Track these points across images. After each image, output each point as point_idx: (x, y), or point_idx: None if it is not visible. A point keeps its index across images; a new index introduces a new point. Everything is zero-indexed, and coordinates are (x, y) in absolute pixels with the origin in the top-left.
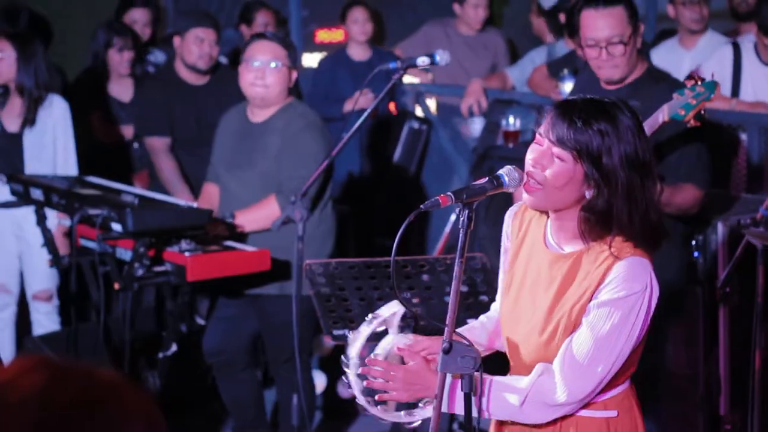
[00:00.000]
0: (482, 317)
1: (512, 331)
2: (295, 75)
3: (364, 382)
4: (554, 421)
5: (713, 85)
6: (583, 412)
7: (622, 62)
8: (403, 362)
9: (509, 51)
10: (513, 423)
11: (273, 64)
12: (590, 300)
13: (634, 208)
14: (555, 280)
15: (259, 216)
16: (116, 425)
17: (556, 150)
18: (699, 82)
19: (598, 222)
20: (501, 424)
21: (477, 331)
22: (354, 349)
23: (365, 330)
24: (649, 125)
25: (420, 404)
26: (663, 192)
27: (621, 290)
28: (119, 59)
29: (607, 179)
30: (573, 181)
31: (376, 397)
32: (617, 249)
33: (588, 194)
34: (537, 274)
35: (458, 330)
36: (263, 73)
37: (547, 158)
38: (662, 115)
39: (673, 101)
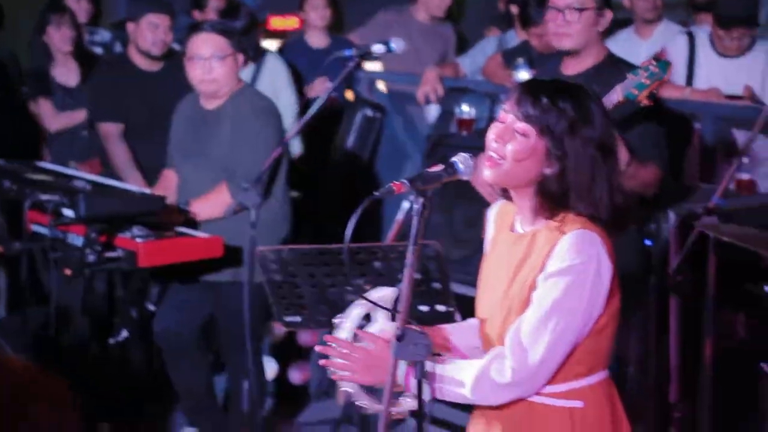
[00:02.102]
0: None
1: (482, 316)
2: (242, 58)
3: (320, 362)
4: (519, 407)
5: (666, 65)
6: (548, 400)
7: (577, 30)
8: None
9: (459, 41)
10: (488, 409)
11: (217, 57)
12: (539, 275)
13: (596, 188)
14: (513, 261)
15: (210, 204)
16: (20, 409)
17: (520, 125)
18: (653, 62)
19: (552, 198)
20: (476, 411)
21: (466, 333)
22: (342, 333)
23: (352, 314)
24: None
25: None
26: (631, 164)
27: (564, 261)
28: (59, 36)
29: (567, 157)
30: (534, 157)
31: (333, 377)
32: (566, 224)
33: (548, 171)
34: (501, 257)
35: (454, 325)
36: (209, 67)
37: (510, 133)
38: (616, 94)
39: (627, 81)
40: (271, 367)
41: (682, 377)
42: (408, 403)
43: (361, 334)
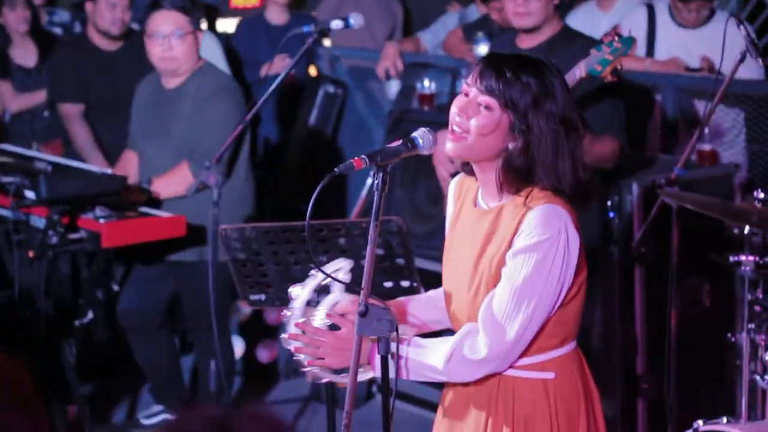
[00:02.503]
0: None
1: (449, 292)
2: (201, 36)
3: (292, 348)
4: (491, 382)
5: (630, 41)
6: (520, 373)
7: (535, 9)
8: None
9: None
10: (460, 385)
11: (177, 35)
12: (507, 251)
13: (560, 162)
14: (479, 236)
15: (171, 182)
16: None
17: (484, 98)
18: (616, 38)
19: (517, 174)
20: (447, 387)
21: (425, 306)
22: (297, 303)
23: (310, 284)
24: (567, 81)
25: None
26: (584, 139)
27: (533, 237)
28: (15, 17)
29: (531, 132)
30: (498, 131)
31: (306, 363)
32: (532, 199)
33: (511, 146)
34: (465, 233)
35: (412, 298)
36: (169, 45)
37: (473, 107)
38: (579, 70)
39: (590, 57)
40: (238, 346)
41: (648, 349)
42: (362, 375)
43: (328, 317)
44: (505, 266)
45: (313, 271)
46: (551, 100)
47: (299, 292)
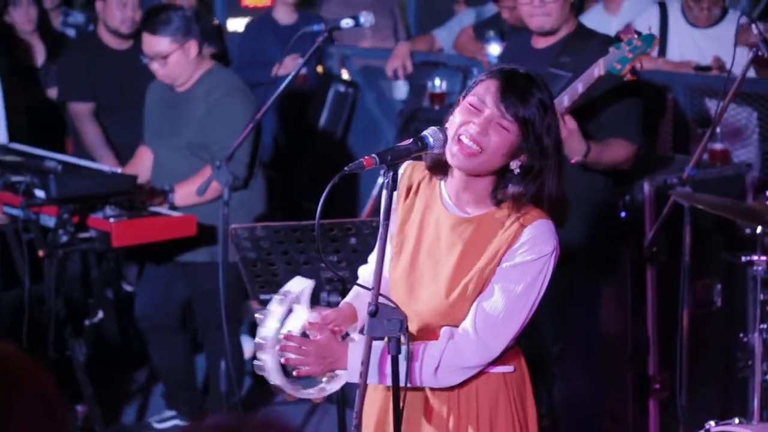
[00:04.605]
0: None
1: (409, 294)
2: (194, 44)
3: (282, 360)
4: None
5: (651, 39)
6: (486, 368)
7: (554, 10)
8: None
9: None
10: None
11: (160, 57)
12: (500, 263)
13: (557, 182)
14: (457, 243)
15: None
16: (3, 394)
17: (506, 120)
18: (636, 36)
19: (524, 192)
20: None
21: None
22: (267, 329)
23: (277, 309)
24: (585, 80)
25: (324, 380)
26: (591, 151)
27: (532, 253)
28: (20, 16)
29: (545, 156)
30: (510, 152)
31: (294, 373)
32: (525, 214)
33: (513, 164)
34: (436, 236)
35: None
36: (158, 65)
37: (493, 126)
38: (598, 69)
39: (609, 55)
40: (248, 347)
41: (660, 349)
42: (331, 388)
43: (309, 326)
44: (498, 277)
45: (275, 296)
46: (554, 121)
47: (264, 320)
